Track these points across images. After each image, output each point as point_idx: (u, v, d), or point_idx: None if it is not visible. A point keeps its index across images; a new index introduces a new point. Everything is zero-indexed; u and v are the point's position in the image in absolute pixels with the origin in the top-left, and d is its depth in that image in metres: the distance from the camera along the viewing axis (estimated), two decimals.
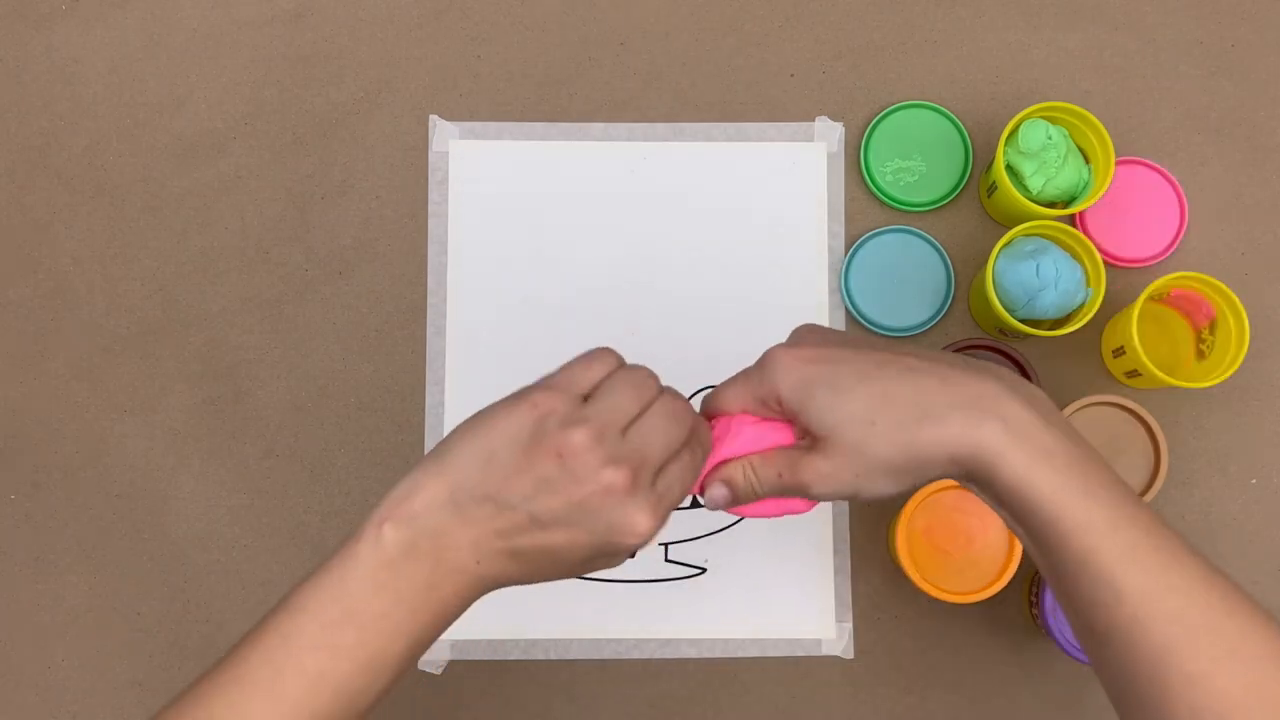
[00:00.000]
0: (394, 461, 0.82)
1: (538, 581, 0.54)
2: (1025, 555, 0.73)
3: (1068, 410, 0.74)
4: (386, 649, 0.53)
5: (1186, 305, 0.79)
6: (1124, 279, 0.82)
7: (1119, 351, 0.78)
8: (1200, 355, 0.79)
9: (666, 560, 0.81)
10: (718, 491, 0.55)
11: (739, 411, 0.56)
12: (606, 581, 0.81)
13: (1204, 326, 0.78)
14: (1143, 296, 0.75)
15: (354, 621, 0.52)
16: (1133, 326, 0.74)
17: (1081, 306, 0.76)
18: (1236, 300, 0.75)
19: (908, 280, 0.82)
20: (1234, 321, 0.76)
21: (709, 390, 0.83)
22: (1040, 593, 0.74)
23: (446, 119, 0.84)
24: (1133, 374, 0.78)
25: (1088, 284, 0.77)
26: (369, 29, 0.85)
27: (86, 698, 0.80)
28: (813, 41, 0.85)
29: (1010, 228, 0.78)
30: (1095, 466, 0.50)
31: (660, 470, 0.52)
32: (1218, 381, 0.75)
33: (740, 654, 0.80)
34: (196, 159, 0.84)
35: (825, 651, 0.80)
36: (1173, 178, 0.83)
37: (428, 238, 0.83)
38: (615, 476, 0.50)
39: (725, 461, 0.55)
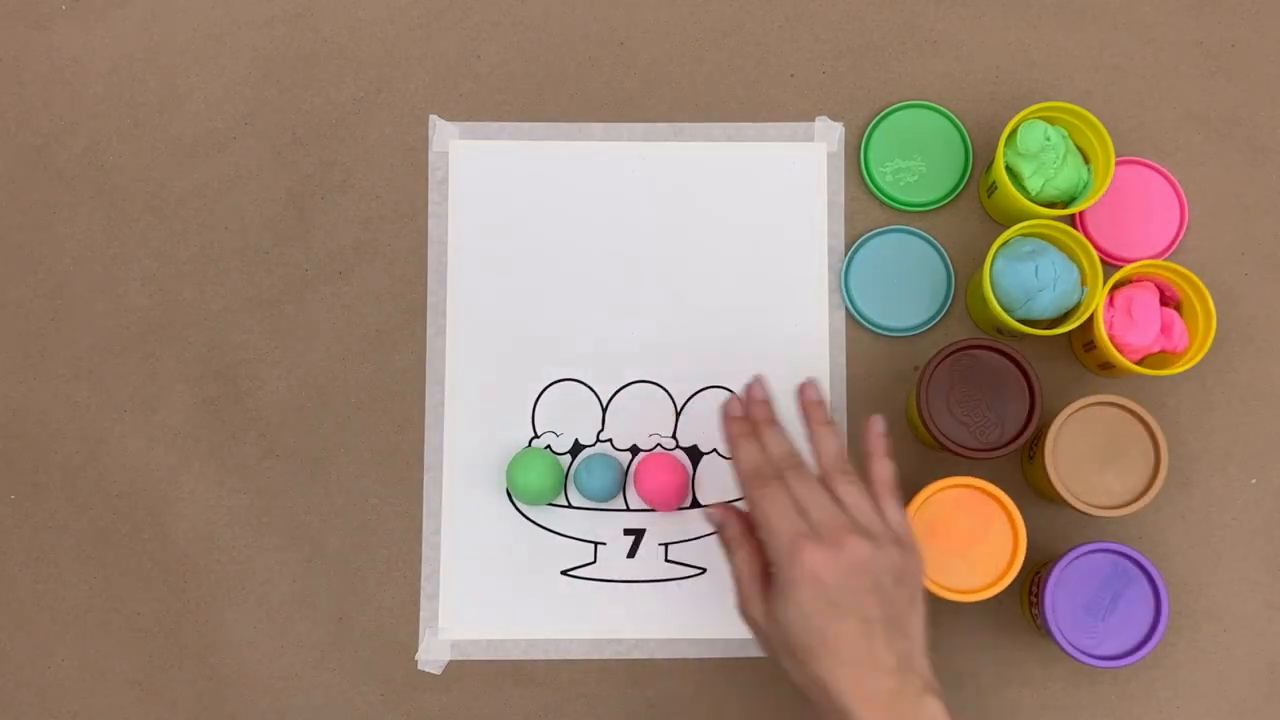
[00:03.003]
0: (394, 461, 0.82)
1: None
2: (1028, 555, 0.73)
3: (1067, 411, 0.74)
4: None
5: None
6: None
7: (1089, 345, 0.78)
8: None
9: (666, 560, 0.81)
10: (712, 515, 0.71)
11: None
12: (607, 582, 0.81)
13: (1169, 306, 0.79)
14: (1106, 287, 0.76)
15: None
16: (1099, 319, 0.75)
17: (1077, 306, 0.77)
18: (1201, 284, 0.76)
19: (908, 280, 0.82)
20: (1200, 306, 0.76)
21: (709, 390, 0.83)
22: (1040, 593, 0.74)
23: (446, 119, 0.84)
24: (1106, 366, 0.78)
25: (1083, 283, 0.77)
26: (369, 29, 0.85)
27: (86, 698, 0.80)
28: (813, 41, 0.85)
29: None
30: None
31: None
32: (1188, 367, 0.76)
33: (740, 654, 0.80)
34: (196, 159, 0.84)
35: None
36: (1172, 178, 0.83)
37: (428, 238, 0.83)
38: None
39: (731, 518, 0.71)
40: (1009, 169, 0.79)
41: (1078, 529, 0.80)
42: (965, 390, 0.76)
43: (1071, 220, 0.82)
